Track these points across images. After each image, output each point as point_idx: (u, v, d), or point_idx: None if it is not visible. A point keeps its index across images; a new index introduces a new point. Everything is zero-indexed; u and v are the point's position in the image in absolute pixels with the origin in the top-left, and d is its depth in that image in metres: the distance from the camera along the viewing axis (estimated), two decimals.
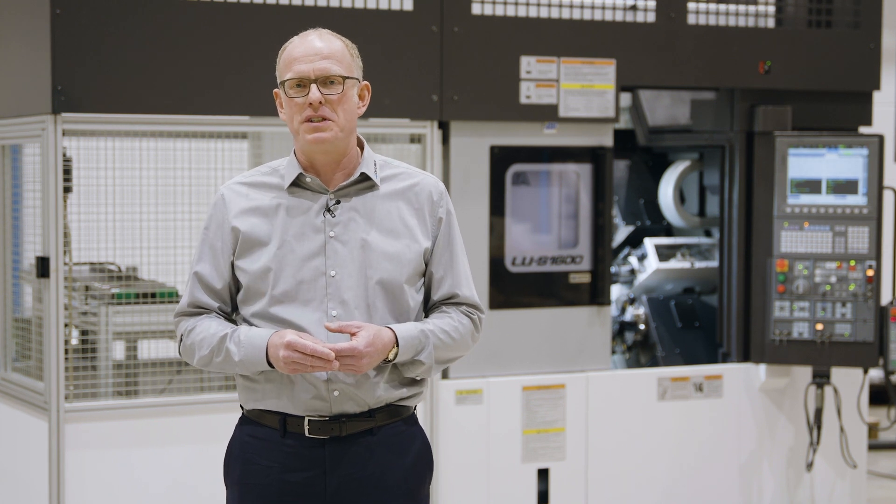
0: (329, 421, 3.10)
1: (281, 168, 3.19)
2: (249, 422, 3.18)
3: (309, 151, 3.13)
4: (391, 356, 3.07)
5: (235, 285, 3.18)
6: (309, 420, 3.10)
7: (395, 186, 3.19)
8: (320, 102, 3.06)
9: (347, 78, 3.11)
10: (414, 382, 3.20)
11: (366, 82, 3.20)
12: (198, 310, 3.19)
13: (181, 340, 3.20)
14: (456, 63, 5.37)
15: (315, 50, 3.10)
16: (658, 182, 6.45)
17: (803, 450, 6.01)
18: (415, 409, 3.25)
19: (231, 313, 3.22)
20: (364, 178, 3.16)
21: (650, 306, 6.24)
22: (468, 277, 3.25)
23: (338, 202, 3.14)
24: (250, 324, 3.15)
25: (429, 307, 3.24)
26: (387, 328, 3.08)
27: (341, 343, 3.00)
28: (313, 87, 3.07)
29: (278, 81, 3.14)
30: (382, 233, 3.14)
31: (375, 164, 3.19)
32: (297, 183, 3.15)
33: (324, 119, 3.08)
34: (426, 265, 3.20)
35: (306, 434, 3.10)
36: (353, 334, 3.02)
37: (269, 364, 3.06)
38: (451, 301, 3.23)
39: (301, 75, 3.08)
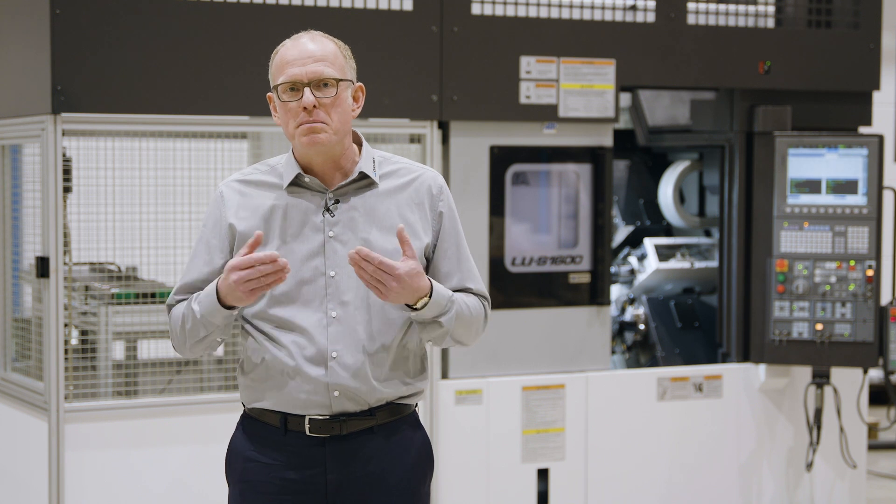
0: (329, 420, 3.10)
1: (279, 166, 3.18)
2: (250, 420, 3.18)
3: (305, 153, 3.12)
4: (420, 304, 3.04)
5: None
6: (310, 419, 3.10)
7: (394, 183, 3.18)
8: (314, 106, 3.05)
9: (341, 80, 3.09)
10: (414, 380, 3.19)
11: (360, 83, 3.18)
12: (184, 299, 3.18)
13: (172, 330, 3.20)
14: (456, 63, 5.37)
15: (308, 53, 3.07)
16: (658, 182, 6.45)
17: (803, 450, 6.00)
18: (416, 407, 3.24)
19: None
20: (363, 176, 3.15)
21: (650, 306, 6.24)
22: (475, 271, 3.25)
23: (337, 202, 3.13)
24: (250, 324, 3.15)
25: None
26: (427, 278, 3.05)
27: (387, 260, 2.95)
28: (306, 90, 3.05)
29: (271, 85, 3.12)
30: (383, 231, 3.13)
31: (374, 162, 3.18)
32: (296, 182, 3.14)
33: (318, 121, 3.06)
34: (427, 261, 3.19)
35: (307, 433, 3.10)
36: (405, 254, 2.98)
37: (227, 307, 3.00)
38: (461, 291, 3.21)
39: (294, 79, 3.06)
